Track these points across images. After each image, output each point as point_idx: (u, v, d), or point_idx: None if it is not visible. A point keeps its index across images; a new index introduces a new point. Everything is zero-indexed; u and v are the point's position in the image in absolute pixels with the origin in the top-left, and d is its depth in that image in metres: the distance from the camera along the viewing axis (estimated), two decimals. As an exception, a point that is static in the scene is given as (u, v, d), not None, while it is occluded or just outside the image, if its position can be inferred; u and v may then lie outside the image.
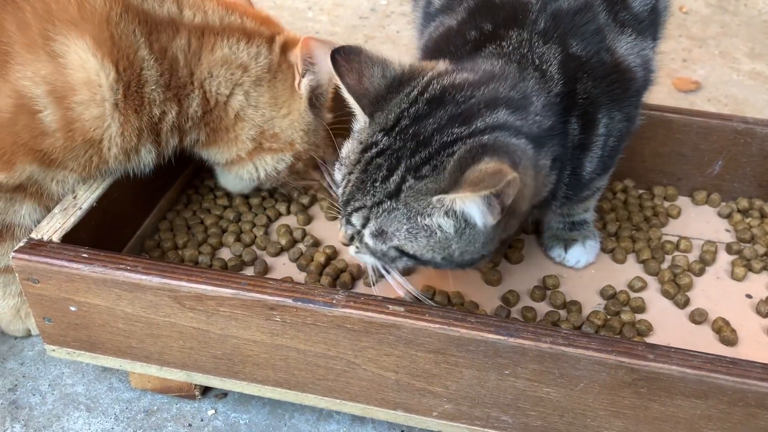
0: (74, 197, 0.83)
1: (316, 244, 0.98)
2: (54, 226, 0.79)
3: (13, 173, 0.79)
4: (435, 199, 0.66)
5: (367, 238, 0.71)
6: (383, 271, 0.77)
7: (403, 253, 0.70)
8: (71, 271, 0.74)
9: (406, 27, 1.74)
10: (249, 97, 0.87)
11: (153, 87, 0.81)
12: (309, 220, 1.02)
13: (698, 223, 1.04)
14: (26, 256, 0.75)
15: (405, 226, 0.68)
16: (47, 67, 0.74)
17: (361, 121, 0.73)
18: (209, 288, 0.72)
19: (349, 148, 0.73)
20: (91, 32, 0.76)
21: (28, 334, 0.94)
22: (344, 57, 0.71)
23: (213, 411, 0.86)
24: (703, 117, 1.03)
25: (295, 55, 0.88)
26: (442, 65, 0.74)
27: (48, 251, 0.76)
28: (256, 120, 0.89)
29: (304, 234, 0.98)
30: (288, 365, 0.76)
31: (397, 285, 0.78)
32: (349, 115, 0.75)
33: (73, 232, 0.79)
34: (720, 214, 1.05)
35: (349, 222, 0.72)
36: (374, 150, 0.70)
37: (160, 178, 0.96)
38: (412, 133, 0.68)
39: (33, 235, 0.78)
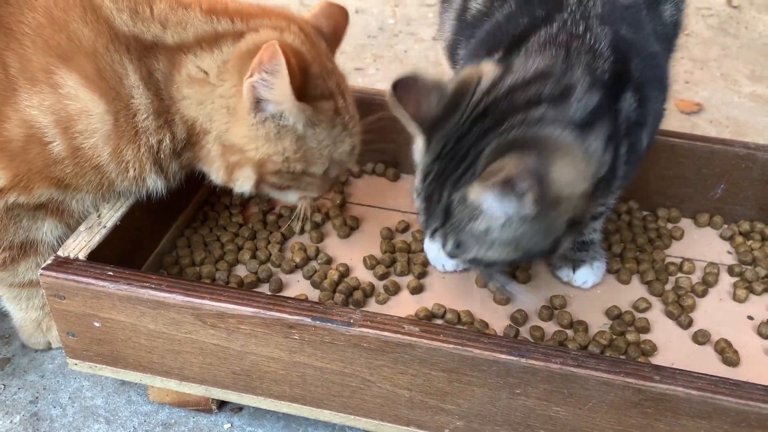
0: (98, 216, 0.86)
1: (329, 261, 1.00)
2: (80, 244, 0.82)
3: (33, 196, 0.82)
4: (473, 196, 0.72)
5: (454, 255, 0.79)
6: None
7: (485, 262, 0.78)
8: (97, 289, 0.77)
9: (413, 46, 1.78)
10: (205, 107, 0.81)
11: (145, 116, 0.80)
12: (322, 237, 1.04)
13: (701, 245, 1.06)
14: (53, 273, 0.78)
15: (468, 236, 0.75)
16: (51, 98, 0.77)
17: (421, 146, 0.79)
18: (230, 306, 0.75)
19: (417, 178, 0.80)
20: (78, 66, 0.77)
21: (49, 347, 0.96)
22: (403, 88, 0.76)
23: (229, 425, 0.88)
24: (706, 142, 1.06)
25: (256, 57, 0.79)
26: (488, 72, 0.77)
27: (75, 269, 0.78)
28: (214, 132, 0.82)
29: (318, 251, 1.01)
30: (304, 381, 0.79)
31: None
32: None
33: (97, 249, 0.82)
34: (722, 237, 1.08)
35: (439, 245, 0.80)
36: (430, 177, 0.77)
37: (178, 195, 0.98)
38: (453, 154, 0.75)
39: (60, 253, 0.80)
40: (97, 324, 0.80)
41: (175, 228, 1.02)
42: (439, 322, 0.91)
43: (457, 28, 0.96)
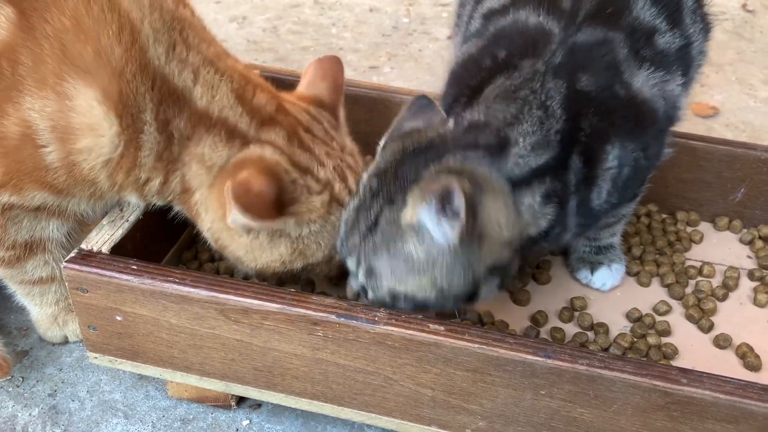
0: (121, 210, 0.86)
1: (348, 259, 1.00)
2: (103, 238, 0.82)
3: (25, 197, 0.80)
4: (402, 215, 0.71)
5: (363, 282, 0.75)
6: None
7: (397, 296, 0.74)
8: (120, 282, 0.77)
9: (428, 45, 1.78)
10: (203, 193, 0.80)
11: (147, 153, 0.77)
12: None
13: (720, 248, 1.06)
14: (76, 266, 0.78)
15: (384, 261, 0.73)
16: (54, 106, 0.74)
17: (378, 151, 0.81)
18: (255, 302, 0.75)
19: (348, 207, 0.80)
20: (101, 83, 0.74)
21: (66, 341, 0.96)
22: (421, 104, 0.81)
23: (248, 421, 0.88)
24: (727, 145, 1.06)
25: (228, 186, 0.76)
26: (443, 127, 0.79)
27: (98, 262, 0.78)
28: (207, 223, 0.82)
29: (337, 249, 1.01)
30: (326, 379, 0.78)
31: None
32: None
33: (120, 243, 0.82)
34: (742, 241, 1.07)
35: (350, 271, 0.78)
36: (365, 193, 0.77)
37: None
38: (391, 174, 0.75)
39: (83, 246, 0.80)
40: (119, 318, 0.80)
41: (195, 223, 1.02)
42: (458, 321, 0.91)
43: (462, 41, 0.96)
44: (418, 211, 0.69)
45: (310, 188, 0.80)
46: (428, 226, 0.69)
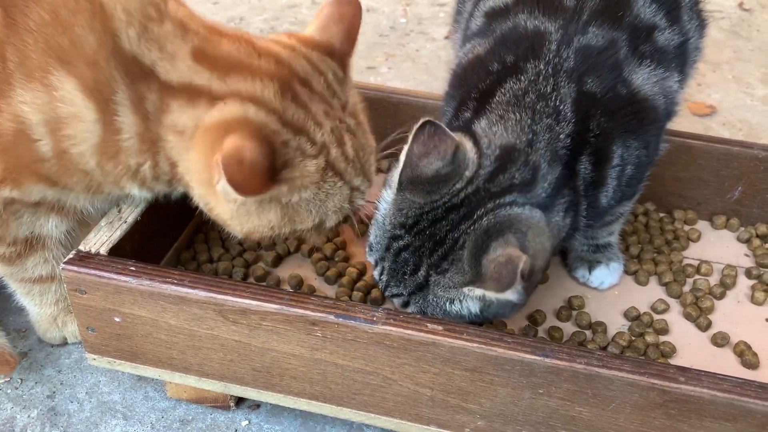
0: (119, 211, 0.86)
1: (347, 259, 1.00)
2: (101, 239, 0.82)
3: (25, 191, 0.80)
4: (466, 289, 0.74)
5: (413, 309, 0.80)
6: None
7: (445, 312, 0.78)
8: (119, 284, 0.77)
9: (425, 45, 1.78)
10: (184, 162, 0.76)
11: (127, 136, 0.76)
12: (338, 233, 1.04)
13: (718, 247, 1.06)
14: (75, 268, 0.78)
15: (439, 309, 0.77)
16: (43, 98, 0.74)
17: (389, 191, 0.79)
18: (254, 303, 0.75)
19: (376, 234, 0.81)
20: (78, 72, 0.74)
21: (65, 343, 0.96)
22: (430, 132, 0.76)
23: (246, 422, 0.88)
24: (724, 144, 1.06)
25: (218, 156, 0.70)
26: (469, 155, 0.77)
27: (96, 263, 0.78)
28: (195, 191, 0.78)
29: (336, 248, 1.01)
30: (325, 379, 0.78)
31: None
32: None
33: (118, 245, 0.82)
34: (739, 239, 1.07)
35: (391, 300, 0.81)
36: (399, 243, 0.77)
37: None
38: (429, 234, 0.76)
39: (81, 247, 0.80)
40: (117, 319, 0.80)
41: (193, 224, 1.02)
42: (458, 321, 0.91)
43: (461, 41, 0.96)
44: (488, 292, 0.72)
45: (304, 151, 0.74)
46: (498, 297, 0.72)
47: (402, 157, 0.77)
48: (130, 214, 0.86)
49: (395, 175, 0.78)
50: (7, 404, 0.89)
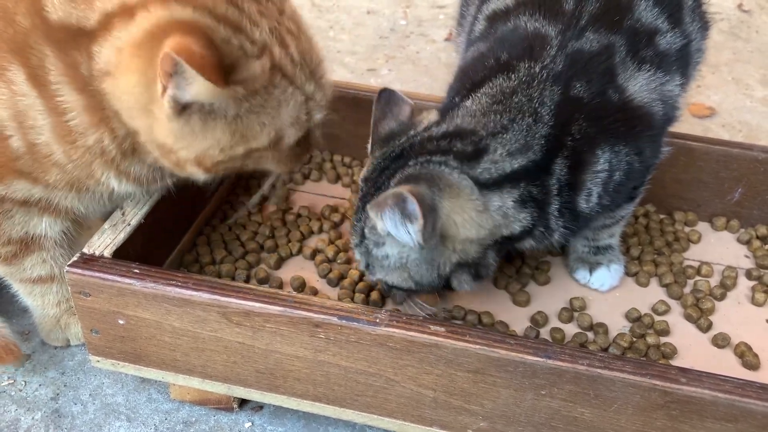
0: (123, 213, 0.86)
1: (349, 261, 1.00)
2: (105, 242, 0.82)
3: (8, 187, 0.80)
4: (371, 222, 0.79)
5: (368, 272, 0.85)
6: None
7: (388, 284, 0.85)
8: (123, 286, 0.77)
9: (425, 47, 1.78)
10: (122, 104, 0.72)
11: (74, 114, 0.73)
12: (340, 236, 1.04)
13: (718, 248, 1.07)
14: (79, 270, 0.78)
15: (373, 259, 0.82)
16: (6, 94, 0.75)
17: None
18: (257, 305, 0.75)
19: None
20: (24, 61, 0.73)
21: (68, 344, 0.97)
22: (385, 97, 0.86)
23: (250, 423, 0.88)
24: (724, 146, 1.06)
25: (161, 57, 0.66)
26: (425, 123, 0.84)
27: (100, 266, 0.78)
28: (141, 132, 0.74)
29: (338, 251, 1.01)
30: (328, 380, 0.79)
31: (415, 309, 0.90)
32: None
33: (122, 247, 0.82)
34: (739, 240, 1.08)
35: (356, 259, 0.86)
36: (360, 195, 0.84)
37: (198, 194, 0.99)
38: (374, 182, 0.82)
39: (85, 250, 0.81)
40: (121, 321, 0.80)
41: (196, 226, 1.02)
42: (459, 323, 0.92)
43: (465, 44, 0.97)
44: (381, 222, 0.76)
45: (246, 50, 0.69)
46: (393, 232, 0.76)
47: (371, 126, 0.85)
48: (134, 217, 0.86)
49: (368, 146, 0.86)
50: (12, 406, 0.89)
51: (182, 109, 0.68)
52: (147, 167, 0.81)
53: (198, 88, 0.65)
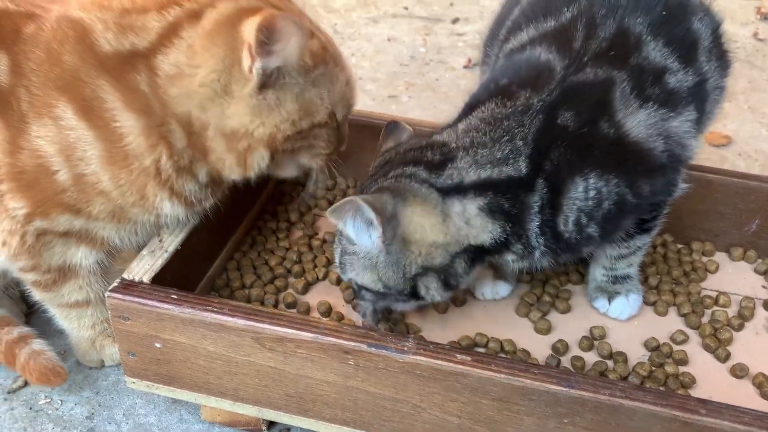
0: (160, 240, 0.90)
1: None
2: (143, 268, 0.86)
3: (53, 221, 0.85)
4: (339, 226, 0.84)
5: (341, 274, 0.90)
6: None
7: (360, 286, 0.88)
8: (161, 311, 0.81)
9: (444, 74, 1.82)
10: (193, 99, 0.79)
11: (131, 138, 0.79)
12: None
13: (735, 278, 1.09)
14: (119, 296, 0.82)
15: (346, 258, 0.87)
16: (54, 129, 0.80)
17: None
18: (290, 331, 0.78)
19: None
20: (72, 97, 0.79)
21: (102, 365, 1.00)
22: (391, 127, 0.94)
23: (278, 445, 0.91)
24: (742, 178, 1.09)
25: (249, 32, 0.75)
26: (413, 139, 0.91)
27: (140, 292, 0.82)
28: (212, 123, 0.80)
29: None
30: (356, 405, 0.81)
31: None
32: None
33: (160, 273, 0.86)
34: (756, 271, 1.10)
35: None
36: None
37: (228, 220, 1.03)
38: (361, 188, 0.88)
39: (125, 276, 0.84)
40: (158, 345, 0.83)
41: (226, 252, 1.06)
42: (482, 350, 0.94)
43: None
44: (344, 227, 0.82)
45: (303, 30, 0.79)
46: (355, 237, 0.83)
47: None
48: (171, 244, 0.90)
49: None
50: (48, 424, 0.93)
51: (263, 85, 0.77)
52: (199, 185, 0.86)
53: (293, 46, 0.76)
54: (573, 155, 0.82)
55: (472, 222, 0.83)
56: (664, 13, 0.87)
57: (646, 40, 0.86)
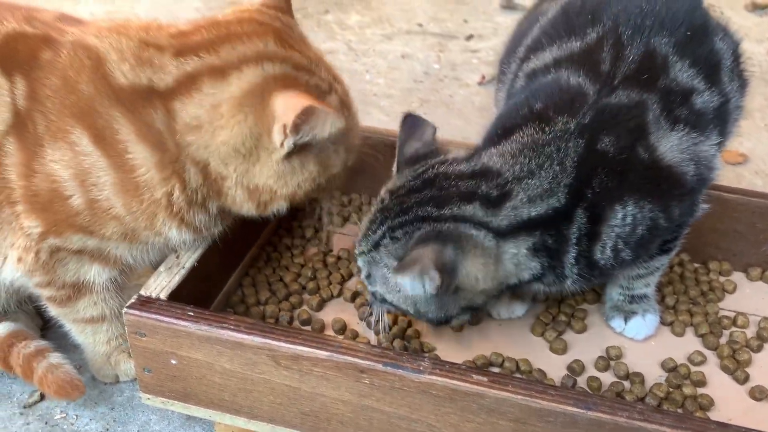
0: (177, 257, 0.91)
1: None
2: (161, 284, 0.86)
3: (66, 240, 0.86)
4: (388, 268, 0.82)
5: (365, 280, 0.88)
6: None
7: (385, 301, 0.87)
8: (177, 328, 0.81)
9: (458, 91, 1.83)
10: (212, 152, 0.80)
11: (144, 170, 0.80)
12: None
13: (754, 299, 1.07)
14: (136, 312, 0.82)
15: (379, 276, 0.85)
16: (69, 154, 0.81)
17: (393, 174, 0.90)
18: (306, 349, 0.78)
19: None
20: (87, 125, 0.80)
21: (117, 381, 1.00)
22: (409, 122, 0.91)
23: (291, 463, 0.90)
24: (760, 197, 1.08)
25: (285, 113, 0.77)
26: (453, 154, 0.88)
27: (157, 308, 0.82)
28: (232, 176, 0.82)
29: (377, 295, 1.04)
30: (371, 425, 0.81)
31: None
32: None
33: (177, 290, 0.86)
34: (775, 292, 1.09)
35: (358, 265, 0.89)
36: (381, 205, 0.86)
37: (243, 237, 1.03)
38: (402, 200, 0.84)
39: (142, 292, 0.85)
40: (173, 361, 0.84)
41: (241, 268, 1.06)
42: (497, 370, 0.94)
43: (506, 98, 1.01)
44: (401, 281, 0.80)
45: (322, 88, 0.81)
46: (409, 287, 0.80)
47: (396, 148, 0.90)
48: (188, 260, 0.90)
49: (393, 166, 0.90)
50: (63, 440, 0.93)
51: (290, 154, 0.80)
52: (209, 216, 0.86)
53: (326, 128, 0.78)
54: (614, 181, 0.81)
55: (521, 263, 0.82)
56: (688, 33, 0.87)
57: (673, 60, 0.86)
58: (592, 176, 0.81)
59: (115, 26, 0.84)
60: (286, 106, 0.76)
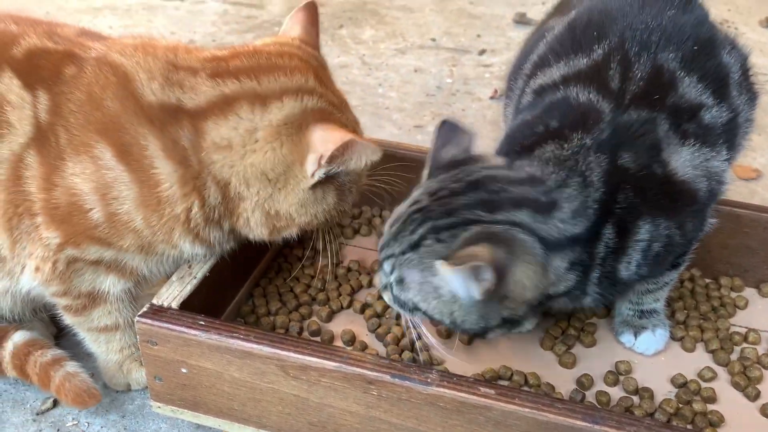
0: (189, 267, 0.92)
1: (399, 316, 1.04)
2: (172, 293, 0.87)
3: (83, 251, 0.87)
4: (438, 263, 0.76)
5: (392, 285, 0.83)
6: (413, 329, 0.89)
7: (418, 309, 0.83)
8: (188, 337, 0.82)
9: (470, 105, 1.84)
10: (237, 172, 0.83)
11: (167, 185, 0.82)
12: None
13: (765, 315, 1.07)
14: (148, 321, 0.83)
15: (418, 279, 0.80)
16: (91, 168, 0.82)
17: (423, 179, 0.88)
18: (314, 360, 0.79)
19: (401, 206, 0.86)
20: (111, 141, 0.82)
21: (129, 389, 1.01)
22: (447, 128, 0.89)
23: (299, 474, 0.91)
24: (771, 213, 1.08)
25: (324, 146, 0.81)
26: (494, 160, 0.87)
27: (168, 317, 0.84)
28: (252, 199, 0.84)
29: (386, 306, 1.05)
30: (378, 436, 0.81)
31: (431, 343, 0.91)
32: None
33: (188, 299, 0.87)
34: (787, 308, 1.08)
35: (383, 269, 0.85)
36: (415, 207, 0.83)
37: (254, 248, 1.04)
38: (446, 202, 0.81)
39: (154, 301, 0.86)
40: (184, 370, 0.85)
41: (252, 279, 1.07)
42: (506, 383, 0.94)
43: (513, 114, 1.01)
44: (449, 277, 0.76)
45: (350, 123, 0.87)
46: (455, 286, 0.77)
47: (429, 153, 0.88)
48: (200, 270, 0.92)
49: (425, 170, 0.89)
50: (75, 447, 0.94)
51: (316, 184, 0.84)
52: (223, 233, 0.89)
53: (359, 162, 0.83)
54: (636, 198, 0.81)
55: (560, 276, 0.82)
56: (695, 48, 0.87)
57: (681, 76, 0.86)
58: (617, 192, 0.81)
59: (141, 45, 0.86)
60: (325, 138, 0.81)
